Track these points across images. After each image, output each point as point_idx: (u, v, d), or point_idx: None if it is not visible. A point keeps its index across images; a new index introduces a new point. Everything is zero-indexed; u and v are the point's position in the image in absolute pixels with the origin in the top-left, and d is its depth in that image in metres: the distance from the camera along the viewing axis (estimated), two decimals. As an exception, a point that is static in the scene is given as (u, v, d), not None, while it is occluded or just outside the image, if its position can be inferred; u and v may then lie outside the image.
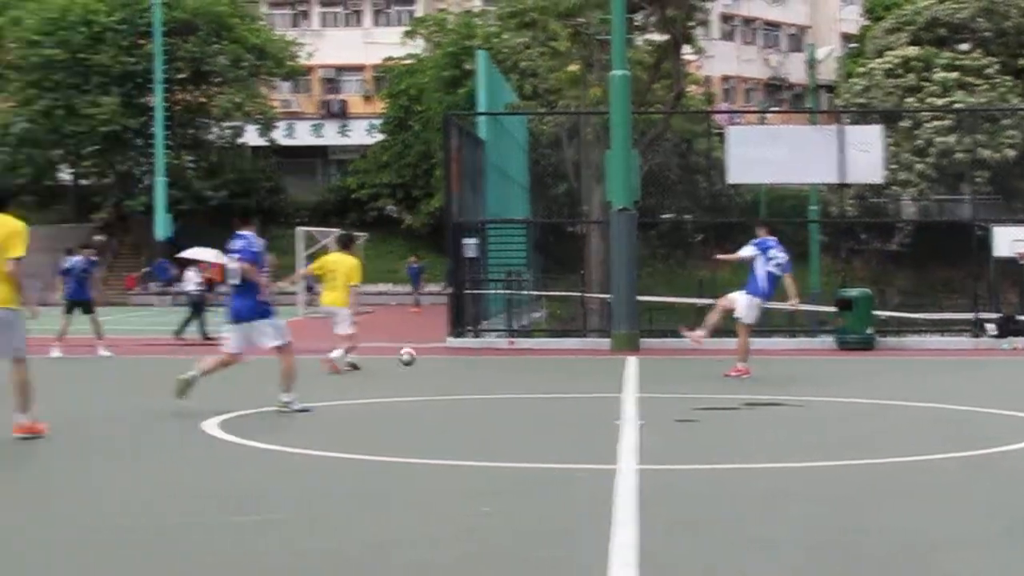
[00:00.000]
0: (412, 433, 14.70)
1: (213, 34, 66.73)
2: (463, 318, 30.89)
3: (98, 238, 66.00)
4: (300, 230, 50.88)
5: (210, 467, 12.08)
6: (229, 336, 16.50)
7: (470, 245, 31.18)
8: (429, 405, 17.82)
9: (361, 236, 56.77)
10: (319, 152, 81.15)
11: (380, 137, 73.47)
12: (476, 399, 18.60)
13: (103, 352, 27.53)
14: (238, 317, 16.37)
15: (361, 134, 77.26)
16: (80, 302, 28.12)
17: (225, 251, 16.96)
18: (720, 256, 25.40)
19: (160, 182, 62.19)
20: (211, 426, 14.41)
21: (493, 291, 32.75)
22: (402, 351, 23.63)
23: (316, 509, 9.81)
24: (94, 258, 29.32)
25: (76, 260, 28.46)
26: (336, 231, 53.82)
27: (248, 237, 16.46)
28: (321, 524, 9.22)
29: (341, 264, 22.94)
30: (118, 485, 11.06)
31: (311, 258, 42.57)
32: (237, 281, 16.35)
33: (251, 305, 16.32)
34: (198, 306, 33.37)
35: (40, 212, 69.67)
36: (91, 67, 64.13)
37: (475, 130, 34.55)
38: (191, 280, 34.28)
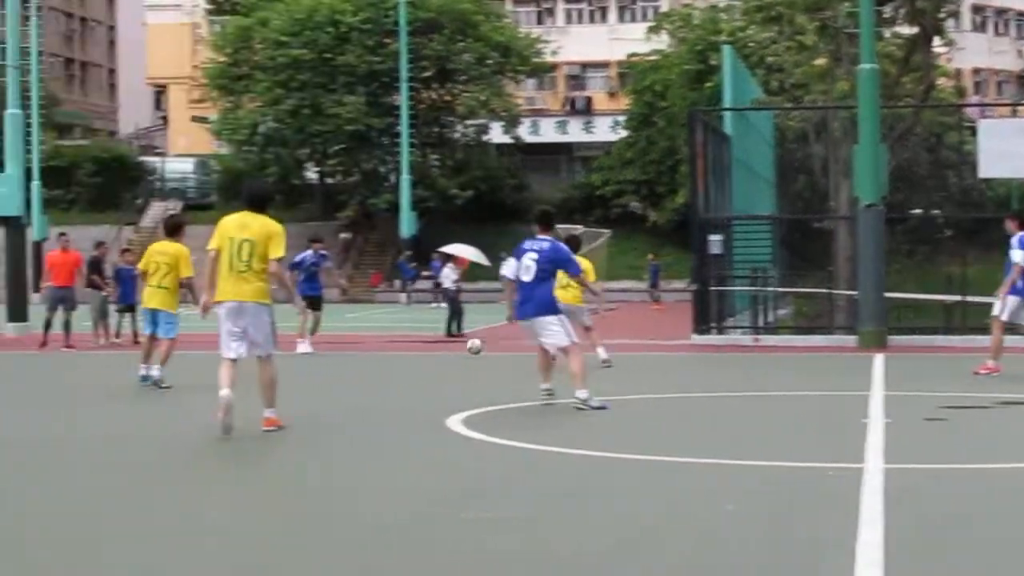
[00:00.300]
0: (655, 430, 14.57)
1: (458, 32, 67.30)
2: (708, 315, 30.60)
3: (344, 236, 67.10)
4: (544, 228, 50.93)
5: (452, 464, 12.09)
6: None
7: (715, 242, 30.87)
8: (672, 402, 17.68)
9: (604, 233, 56.83)
10: (563, 149, 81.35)
11: (624, 134, 73.38)
12: (720, 396, 18.39)
13: (304, 349, 26.53)
14: (525, 314, 16.53)
15: (605, 131, 77.26)
16: (308, 297, 27.02)
17: (518, 251, 17.20)
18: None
19: (405, 180, 62.98)
20: (455, 422, 14.44)
21: (738, 288, 32.40)
22: (470, 342, 23.61)
23: (559, 507, 9.76)
24: (324, 252, 29.03)
25: (306, 254, 28.19)
26: (579, 228, 53.97)
27: (546, 241, 17.02)
28: (564, 522, 9.16)
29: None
30: (363, 481, 11.15)
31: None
32: (528, 279, 16.58)
33: (542, 302, 16.49)
34: (454, 302, 33.48)
35: (287, 211, 71.15)
36: (337, 67, 65.12)
37: (720, 126, 34.24)
38: (448, 277, 34.36)
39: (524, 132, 73.97)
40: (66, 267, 29.31)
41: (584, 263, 19.54)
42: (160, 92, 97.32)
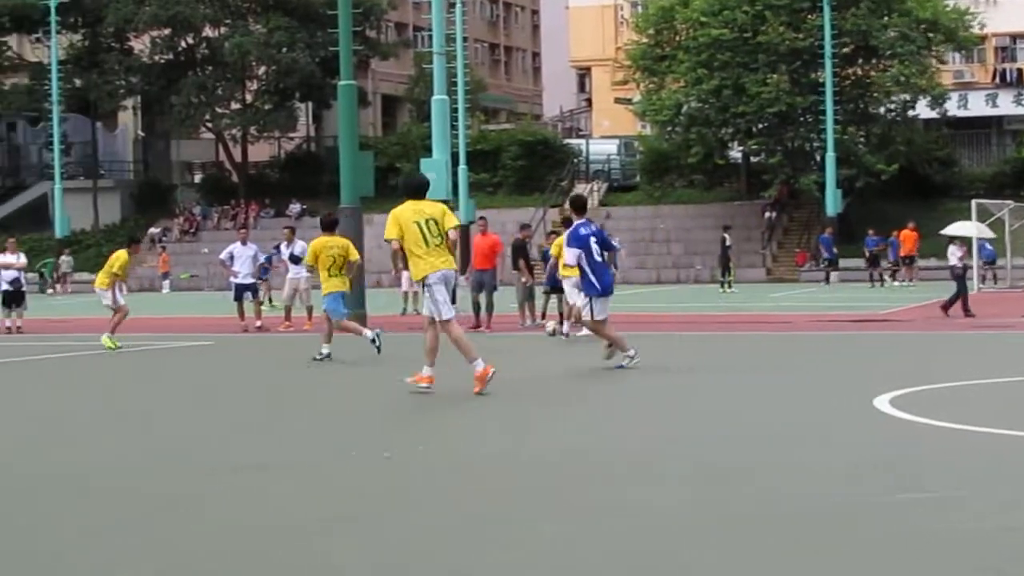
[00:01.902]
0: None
1: (882, 6, 65.78)
2: None
3: (768, 215, 66.48)
4: (974, 203, 49.34)
5: (878, 443, 11.71)
6: None
7: None
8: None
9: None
10: (993, 122, 78.77)
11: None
12: None
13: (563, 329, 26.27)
14: (609, 290, 19.26)
15: (1037, 103, 74.50)
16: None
17: (582, 238, 19.10)
18: None
19: (830, 158, 62.01)
20: (882, 402, 14.01)
21: None
22: None
23: (991, 488, 9.31)
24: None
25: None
26: (1009, 203, 52.05)
27: (593, 224, 19.62)
28: (995, 503, 8.72)
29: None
30: (786, 458, 10.89)
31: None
32: (599, 259, 19.05)
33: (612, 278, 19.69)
34: (960, 280, 32.22)
35: (710, 190, 70.96)
36: (758, 45, 64.52)
37: None
38: (953, 255, 33.22)
39: (952, 106, 71.84)
40: (483, 250, 29.79)
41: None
42: (583, 74, 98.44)
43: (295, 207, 71.16)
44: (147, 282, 66.77)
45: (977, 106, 76.56)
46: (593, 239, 19.05)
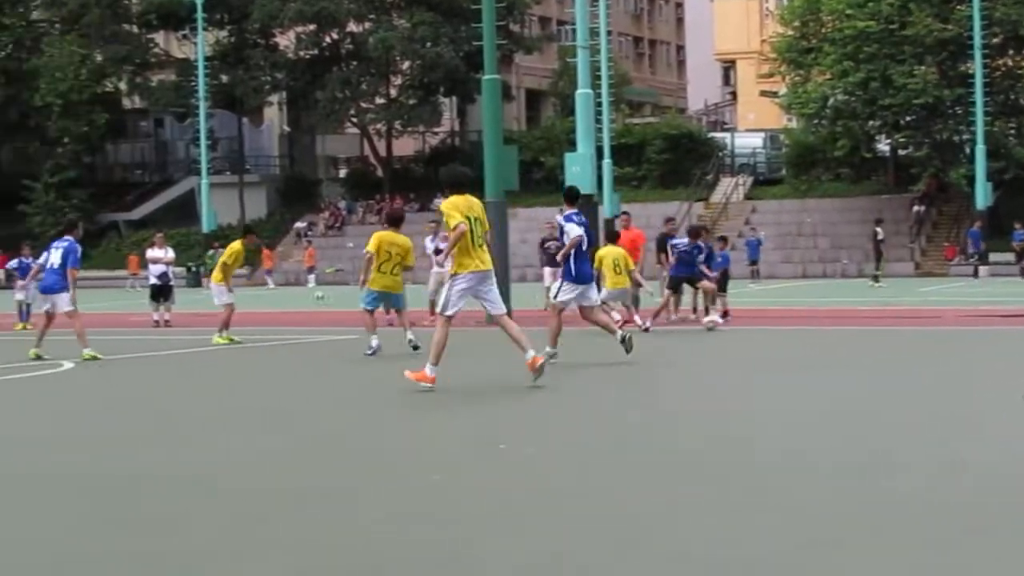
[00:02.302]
0: None
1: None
2: None
3: (916, 208, 65.60)
4: None
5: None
6: None
7: None
8: None
9: None
10: None
11: None
12: None
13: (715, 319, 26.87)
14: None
15: None
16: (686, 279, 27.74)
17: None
18: None
19: (980, 151, 60.98)
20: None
21: None
22: None
23: None
24: (701, 243, 28.38)
25: (682, 241, 28.47)
26: None
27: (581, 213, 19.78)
28: None
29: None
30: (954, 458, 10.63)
31: None
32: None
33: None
34: None
35: (857, 184, 70.12)
36: (904, 37, 63.64)
37: None
38: None
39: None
40: (625, 245, 29.64)
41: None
42: (728, 67, 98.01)
43: (439, 201, 71.25)
44: (293, 276, 67.43)
45: None
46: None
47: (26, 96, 75.12)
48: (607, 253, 25.03)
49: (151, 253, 33.39)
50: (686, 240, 28.50)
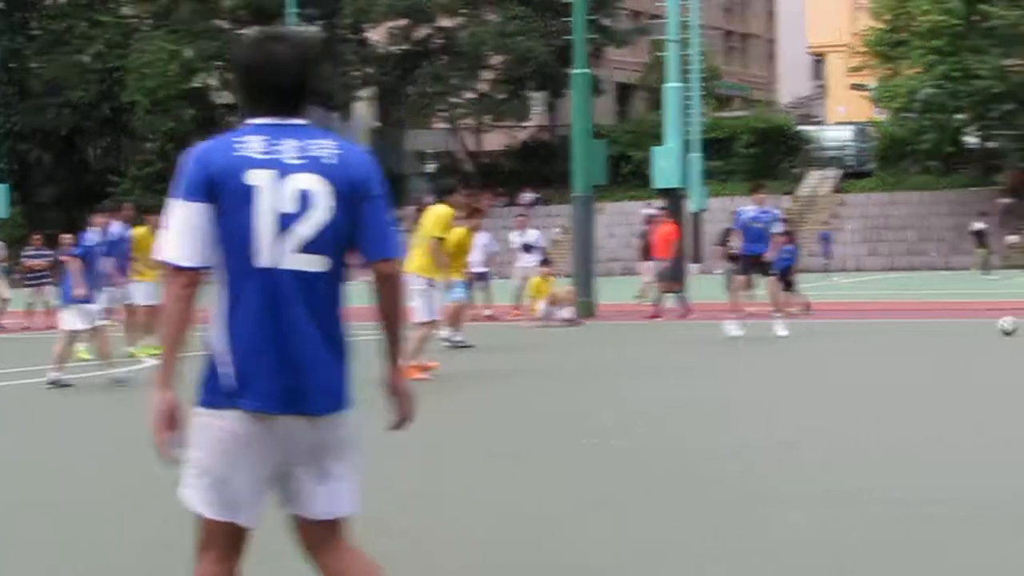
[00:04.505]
0: None
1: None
2: None
3: (1002, 201, 65.16)
4: None
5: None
6: None
7: None
8: None
9: None
10: None
11: None
12: None
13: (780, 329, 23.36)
14: None
15: None
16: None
17: None
18: None
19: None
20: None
21: None
22: (1003, 319, 21.56)
23: None
24: (777, 212, 26.05)
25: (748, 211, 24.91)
26: None
27: None
28: None
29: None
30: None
31: None
32: None
33: None
34: None
35: (945, 176, 69.67)
36: (987, 30, 62.93)
37: None
38: None
39: None
40: (659, 240, 30.19)
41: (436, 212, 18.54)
42: (818, 61, 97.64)
43: (528, 195, 71.60)
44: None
45: None
46: None
47: (117, 92, 75.91)
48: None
49: None
50: (752, 209, 24.94)
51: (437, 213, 17.34)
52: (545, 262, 30.02)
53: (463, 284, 21.90)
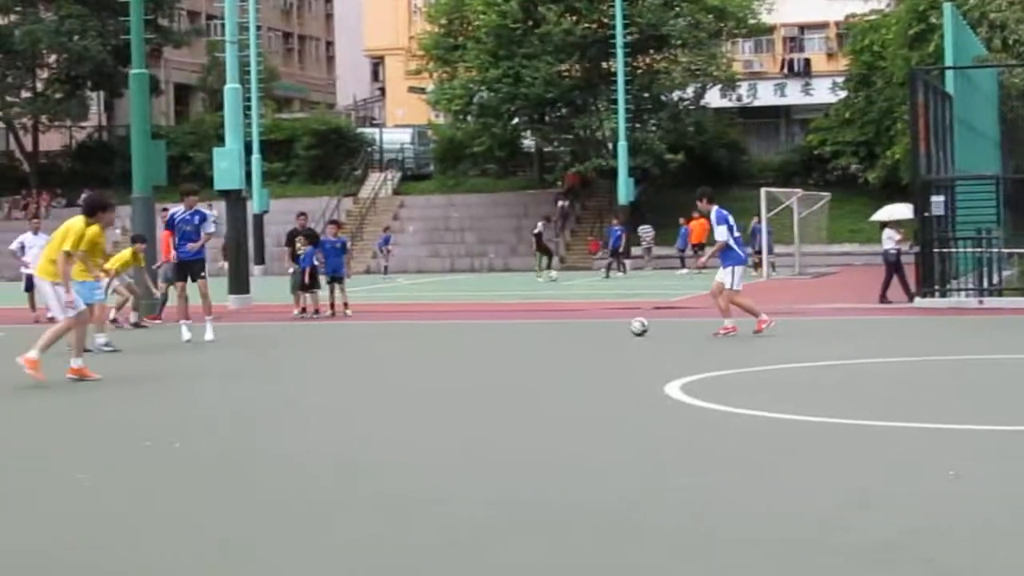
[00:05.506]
0: (880, 395, 14.27)
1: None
2: (931, 278, 30.04)
3: (560, 203, 67.02)
4: (763, 191, 50.43)
5: (669, 430, 12.03)
6: None
7: (938, 203, 30.18)
8: (895, 367, 17.34)
9: (824, 196, 55.94)
10: (782, 112, 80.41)
11: (843, 95, 71.93)
12: (945, 360, 17.99)
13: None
14: None
15: (824, 92, 75.84)
16: None
17: None
18: None
19: (622, 147, 62.49)
20: (673, 389, 14.35)
21: (962, 250, 31.58)
22: (633, 320, 22.61)
23: (777, 471, 9.63)
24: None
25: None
26: (798, 191, 53.14)
27: None
28: (782, 487, 9.02)
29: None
30: (579, 451, 11.11)
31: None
32: None
33: None
34: (895, 264, 31.44)
35: (503, 178, 71.20)
36: (547, 34, 64.48)
37: (942, 85, 33.51)
38: (890, 239, 32.27)
39: (742, 96, 73.36)
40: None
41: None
42: (377, 63, 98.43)
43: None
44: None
45: (766, 96, 77.99)
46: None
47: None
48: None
49: None
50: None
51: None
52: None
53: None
